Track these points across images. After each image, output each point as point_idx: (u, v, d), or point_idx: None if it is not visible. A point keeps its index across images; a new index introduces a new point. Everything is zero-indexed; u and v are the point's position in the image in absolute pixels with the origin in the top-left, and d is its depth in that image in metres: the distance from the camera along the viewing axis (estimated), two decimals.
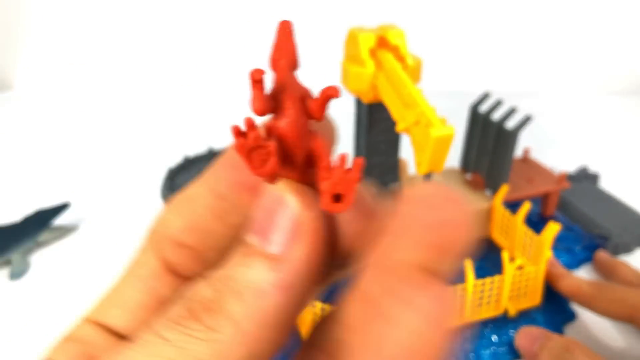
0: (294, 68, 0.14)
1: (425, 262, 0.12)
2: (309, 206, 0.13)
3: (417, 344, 0.12)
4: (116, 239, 0.54)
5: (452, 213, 0.12)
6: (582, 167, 0.64)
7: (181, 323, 0.13)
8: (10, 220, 0.52)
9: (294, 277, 0.13)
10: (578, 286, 0.42)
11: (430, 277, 0.12)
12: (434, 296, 0.12)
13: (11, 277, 0.48)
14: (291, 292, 0.13)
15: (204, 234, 0.16)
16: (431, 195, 0.13)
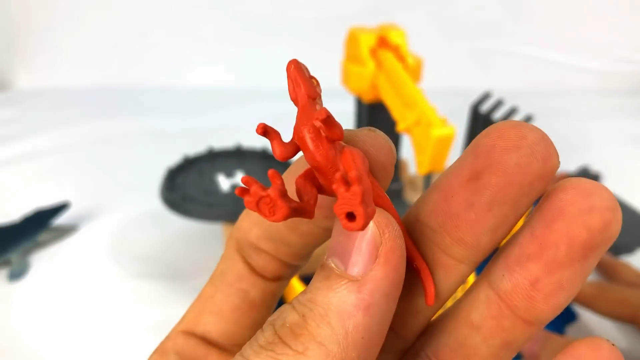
0: (313, 98, 0.14)
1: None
2: (386, 227, 0.14)
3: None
4: (116, 239, 0.54)
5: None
6: (583, 167, 0.64)
7: (269, 348, 0.13)
8: (9, 220, 0.52)
9: (376, 297, 0.13)
10: None
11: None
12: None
13: (10, 278, 0.48)
14: (374, 312, 0.13)
15: (280, 242, 0.17)
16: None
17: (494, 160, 0.14)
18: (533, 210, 0.14)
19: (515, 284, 0.14)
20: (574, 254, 0.13)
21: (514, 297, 0.14)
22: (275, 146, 0.14)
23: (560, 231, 0.13)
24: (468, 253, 0.15)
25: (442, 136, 0.34)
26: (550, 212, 0.13)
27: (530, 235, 0.14)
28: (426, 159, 0.35)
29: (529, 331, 0.15)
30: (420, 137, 0.35)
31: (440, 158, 0.35)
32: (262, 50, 0.96)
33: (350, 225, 0.13)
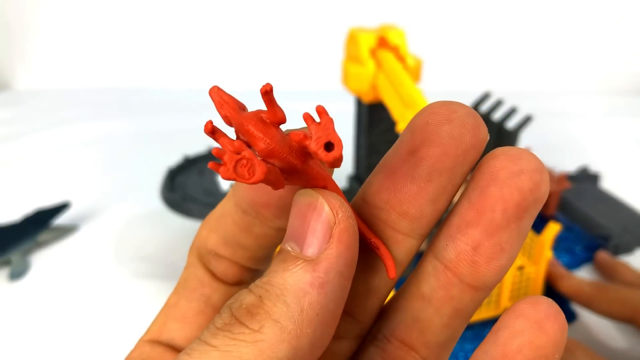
0: (241, 108, 0.15)
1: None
2: (339, 208, 0.14)
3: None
4: (116, 239, 0.54)
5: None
6: (583, 167, 0.64)
7: (226, 329, 0.14)
8: (10, 220, 0.52)
9: (330, 275, 0.14)
10: (578, 287, 0.42)
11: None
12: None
13: (11, 277, 0.48)
14: (329, 289, 0.14)
15: (236, 246, 0.17)
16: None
17: (429, 133, 0.14)
18: (469, 179, 0.15)
19: (459, 252, 0.15)
20: (509, 215, 0.14)
21: (458, 265, 0.15)
22: (223, 145, 0.14)
23: (495, 195, 0.14)
24: (414, 226, 0.15)
25: None
26: (484, 179, 0.14)
27: (467, 203, 0.15)
28: None
29: (477, 297, 0.15)
30: None
31: None
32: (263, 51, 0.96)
33: (329, 155, 0.13)
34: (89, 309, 0.45)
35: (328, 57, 0.64)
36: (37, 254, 0.52)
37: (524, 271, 0.43)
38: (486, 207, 0.14)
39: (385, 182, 0.15)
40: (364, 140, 0.46)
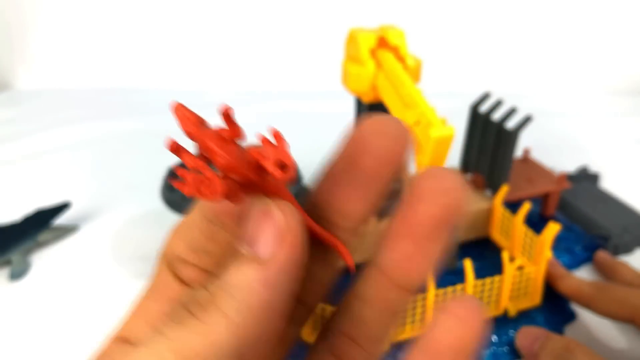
0: (202, 124, 0.16)
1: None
2: (289, 213, 0.16)
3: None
4: (116, 239, 0.55)
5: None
6: (582, 167, 0.64)
7: (178, 320, 0.15)
8: (10, 220, 0.52)
9: (279, 275, 0.16)
10: (578, 287, 0.42)
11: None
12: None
13: (11, 277, 0.48)
14: (277, 289, 0.16)
15: (202, 252, 0.19)
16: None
17: (363, 145, 0.17)
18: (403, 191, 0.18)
19: (393, 260, 0.18)
20: (434, 229, 0.17)
21: (393, 271, 0.18)
22: (187, 163, 0.16)
23: (423, 212, 0.17)
24: (350, 223, 0.19)
25: (441, 136, 0.34)
26: (414, 197, 0.17)
27: (400, 218, 0.17)
28: (425, 158, 0.35)
29: (406, 297, 0.18)
30: (419, 137, 0.35)
31: (439, 158, 0.36)
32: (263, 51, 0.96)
33: (284, 175, 0.15)
34: (89, 309, 0.46)
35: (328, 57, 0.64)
36: (38, 253, 0.52)
37: (523, 271, 0.43)
38: (416, 222, 0.17)
39: (329, 187, 0.19)
40: None
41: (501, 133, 0.50)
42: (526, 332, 0.40)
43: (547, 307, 0.45)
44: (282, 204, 0.16)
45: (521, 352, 0.40)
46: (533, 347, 0.39)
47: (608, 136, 0.79)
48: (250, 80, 0.95)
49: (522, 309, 0.44)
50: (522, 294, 0.44)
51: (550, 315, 0.44)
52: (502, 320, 0.43)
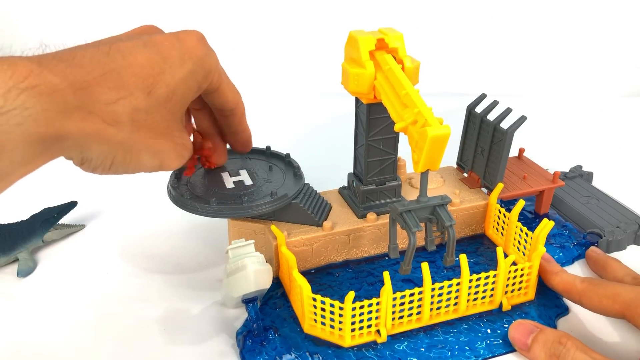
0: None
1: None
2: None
3: None
4: (123, 237, 0.56)
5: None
6: (576, 167, 0.65)
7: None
8: (17, 218, 0.53)
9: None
10: (571, 282, 0.43)
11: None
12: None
13: (19, 275, 0.49)
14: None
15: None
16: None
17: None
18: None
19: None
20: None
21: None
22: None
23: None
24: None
25: (438, 136, 0.35)
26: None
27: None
28: (422, 157, 0.36)
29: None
30: (416, 136, 0.36)
31: (435, 157, 0.37)
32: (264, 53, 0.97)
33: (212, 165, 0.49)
34: (95, 305, 0.46)
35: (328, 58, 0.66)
36: (45, 252, 0.53)
37: (517, 267, 0.44)
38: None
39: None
40: (363, 139, 0.47)
41: (497, 132, 0.51)
42: (519, 325, 0.41)
43: (540, 300, 0.46)
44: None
45: (515, 345, 0.41)
46: (526, 340, 0.40)
47: (601, 136, 0.81)
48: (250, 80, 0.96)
49: (516, 304, 0.45)
50: (516, 289, 0.45)
51: (544, 309, 0.45)
52: (496, 314, 0.44)
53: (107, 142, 0.29)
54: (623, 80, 0.98)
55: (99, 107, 0.29)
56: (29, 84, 0.24)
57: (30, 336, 0.43)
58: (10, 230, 0.51)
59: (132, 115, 0.30)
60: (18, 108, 0.24)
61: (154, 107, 0.32)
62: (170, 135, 0.34)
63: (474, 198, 0.53)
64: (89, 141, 0.28)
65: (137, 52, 0.31)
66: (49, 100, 0.25)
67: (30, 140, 0.25)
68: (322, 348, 0.41)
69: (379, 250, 0.51)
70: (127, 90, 0.30)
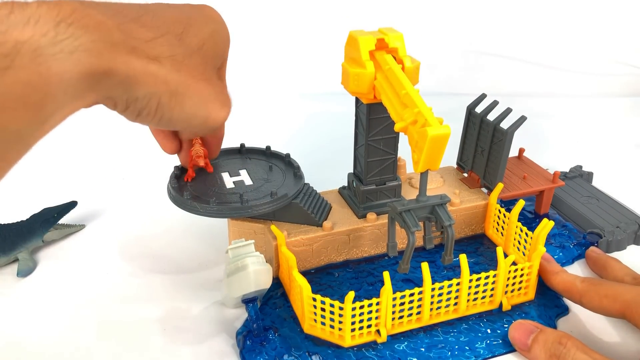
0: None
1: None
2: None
3: None
4: (122, 237, 0.56)
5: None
6: (576, 166, 0.65)
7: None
8: (17, 218, 0.53)
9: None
10: (571, 282, 0.43)
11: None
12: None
13: (18, 275, 0.49)
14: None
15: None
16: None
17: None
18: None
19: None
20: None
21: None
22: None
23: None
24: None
25: (438, 136, 0.35)
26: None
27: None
28: (422, 157, 0.36)
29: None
30: (416, 136, 0.36)
31: (435, 157, 0.37)
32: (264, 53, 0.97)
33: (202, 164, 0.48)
34: (95, 305, 0.46)
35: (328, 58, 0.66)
36: (45, 251, 0.53)
37: (517, 267, 0.44)
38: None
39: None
40: (363, 139, 0.47)
41: (497, 132, 0.51)
42: (519, 325, 0.41)
43: (540, 300, 0.46)
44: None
45: (515, 345, 0.41)
46: (526, 340, 0.40)
47: (601, 136, 0.81)
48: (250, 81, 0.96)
49: (516, 304, 0.45)
50: (516, 289, 0.45)
51: (544, 309, 0.45)
52: (496, 314, 0.44)
53: (153, 78, 0.29)
54: (623, 80, 0.98)
55: (141, 44, 0.29)
56: (75, 18, 0.25)
57: (31, 336, 0.43)
58: (10, 230, 0.51)
59: (171, 54, 0.31)
60: (70, 38, 0.24)
61: (188, 52, 0.32)
62: (211, 81, 0.34)
63: (474, 198, 0.53)
64: (135, 78, 0.29)
65: (163, 8, 0.33)
66: (96, 33, 0.26)
67: (83, 70, 0.25)
68: (322, 348, 0.41)
69: (379, 250, 0.51)
70: (161, 30, 0.31)
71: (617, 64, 0.98)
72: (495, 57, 0.98)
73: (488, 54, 0.98)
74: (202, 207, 0.44)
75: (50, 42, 0.24)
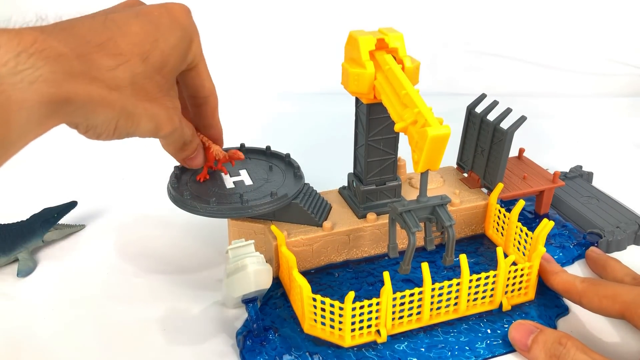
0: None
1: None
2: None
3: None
4: (122, 237, 0.56)
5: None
6: (576, 166, 0.65)
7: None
8: (17, 218, 0.53)
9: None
10: (571, 282, 0.43)
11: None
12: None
13: (18, 275, 0.49)
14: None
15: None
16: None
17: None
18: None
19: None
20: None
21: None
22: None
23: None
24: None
25: (438, 136, 0.35)
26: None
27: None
28: (422, 157, 0.36)
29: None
30: (416, 136, 0.36)
31: (435, 157, 0.37)
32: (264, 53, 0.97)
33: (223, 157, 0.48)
34: (95, 305, 0.47)
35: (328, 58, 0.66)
36: (45, 252, 0.53)
37: (517, 267, 0.44)
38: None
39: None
40: (363, 139, 0.47)
41: (497, 132, 0.51)
42: (519, 325, 0.41)
43: (540, 301, 0.46)
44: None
45: (515, 345, 0.41)
46: (526, 340, 0.40)
47: (601, 136, 0.81)
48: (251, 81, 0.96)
49: (516, 304, 0.45)
50: (516, 289, 0.45)
51: (544, 309, 0.45)
52: (496, 314, 0.44)
53: (111, 107, 0.31)
54: (623, 81, 0.98)
55: (102, 73, 0.30)
56: (36, 49, 0.26)
57: (30, 336, 0.43)
58: (10, 230, 0.51)
59: (132, 80, 0.32)
60: (30, 68, 0.25)
61: (150, 72, 0.34)
62: (163, 99, 0.36)
63: (474, 198, 0.53)
64: (94, 106, 0.30)
65: (130, 22, 0.33)
66: (56, 64, 0.27)
67: (43, 100, 0.26)
68: (322, 348, 0.41)
69: (379, 251, 0.51)
70: (125, 56, 0.32)
71: (617, 64, 0.98)
72: (495, 57, 0.98)
73: (488, 54, 0.98)
74: (202, 207, 0.44)
75: (10, 72, 0.24)
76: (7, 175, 0.66)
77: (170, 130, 0.37)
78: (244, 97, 0.92)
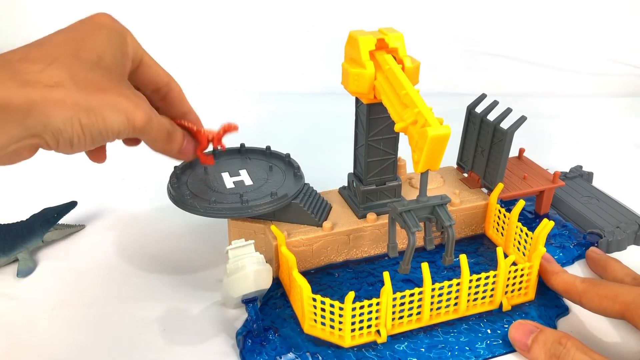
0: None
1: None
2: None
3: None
4: (123, 237, 0.56)
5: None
6: (576, 166, 0.65)
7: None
8: (17, 218, 0.53)
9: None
10: (571, 283, 0.43)
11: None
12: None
13: (18, 275, 0.49)
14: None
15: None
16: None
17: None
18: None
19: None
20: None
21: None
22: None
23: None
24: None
25: (438, 136, 0.35)
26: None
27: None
28: (422, 157, 0.36)
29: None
30: (416, 136, 0.36)
31: (435, 157, 0.37)
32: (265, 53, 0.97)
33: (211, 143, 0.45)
34: (95, 305, 0.47)
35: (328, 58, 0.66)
36: (45, 251, 0.53)
37: (517, 267, 0.44)
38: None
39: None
40: (363, 139, 0.47)
41: (497, 132, 0.51)
42: (520, 325, 0.41)
43: (540, 301, 0.46)
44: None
45: (515, 345, 0.41)
46: (526, 340, 0.40)
47: (601, 136, 0.81)
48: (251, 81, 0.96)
49: (516, 304, 0.45)
50: (516, 289, 0.45)
51: (544, 309, 0.45)
52: (496, 314, 0.44)
53: (61, 104, 0.29)
54: (623, 80, 0.98)
55: (34, 76, 0.29)
56: None
57: (30, 336, 0.43)
58: (10, 230, 0.51)
59: (71, 75, 0.31)
60: None
61: (88, 65, 0.32)
62: (118, 88, 0.34)
63: (474, 198, 0.53)
64: (41, 107, 0.29)
65: (51, 36, 0.33)
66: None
67: None
68: (322, 348, 0.41)
69: (378, 251, 0.51)
70: (52, 57, 0.31)
71: (617, 64, 0.98)
72: (495, 57, 0.98)
73: (488, 54, 0.98)
74: (202, 207, 0.44)
75: None
76: (7, 175, 0.66)
77: (145, 119, 0.34)
78: (244, 97, 0.92)
